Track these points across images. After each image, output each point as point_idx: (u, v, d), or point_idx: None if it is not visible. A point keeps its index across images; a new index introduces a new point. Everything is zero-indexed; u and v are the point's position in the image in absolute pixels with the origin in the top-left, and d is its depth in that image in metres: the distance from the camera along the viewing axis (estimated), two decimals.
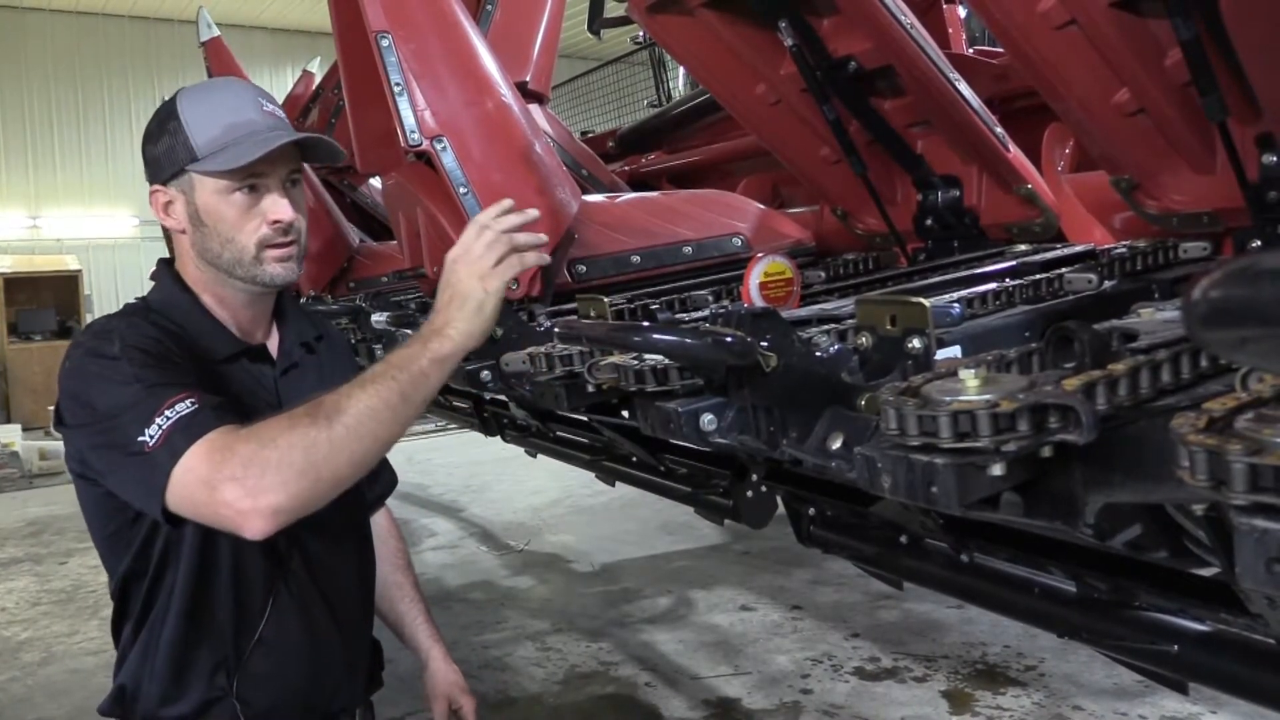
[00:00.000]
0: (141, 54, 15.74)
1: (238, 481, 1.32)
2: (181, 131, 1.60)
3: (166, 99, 1.68)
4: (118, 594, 1.68)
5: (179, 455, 1.36)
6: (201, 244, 1.63)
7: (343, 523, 1.81)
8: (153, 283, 1.74)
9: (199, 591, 1.62)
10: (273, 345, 1.78)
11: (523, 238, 1.48)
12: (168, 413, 1.39)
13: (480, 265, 1.45)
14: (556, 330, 1.59)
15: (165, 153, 1.61)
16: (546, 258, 1.56)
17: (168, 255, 1.78)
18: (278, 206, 1.60)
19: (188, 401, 1.41)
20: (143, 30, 15.72)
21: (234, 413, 1.46)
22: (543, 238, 1.53)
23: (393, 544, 2.14)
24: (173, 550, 1.61)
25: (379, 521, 2.12)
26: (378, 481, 2.09)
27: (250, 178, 1.59)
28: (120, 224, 15.53)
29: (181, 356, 1.55)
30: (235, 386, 1.63)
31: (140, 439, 1.39)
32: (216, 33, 4.94)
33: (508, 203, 1.51)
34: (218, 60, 4.91)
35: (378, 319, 2.44)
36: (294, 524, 1.64)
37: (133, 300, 1.72)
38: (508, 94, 2.25)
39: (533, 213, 1.52)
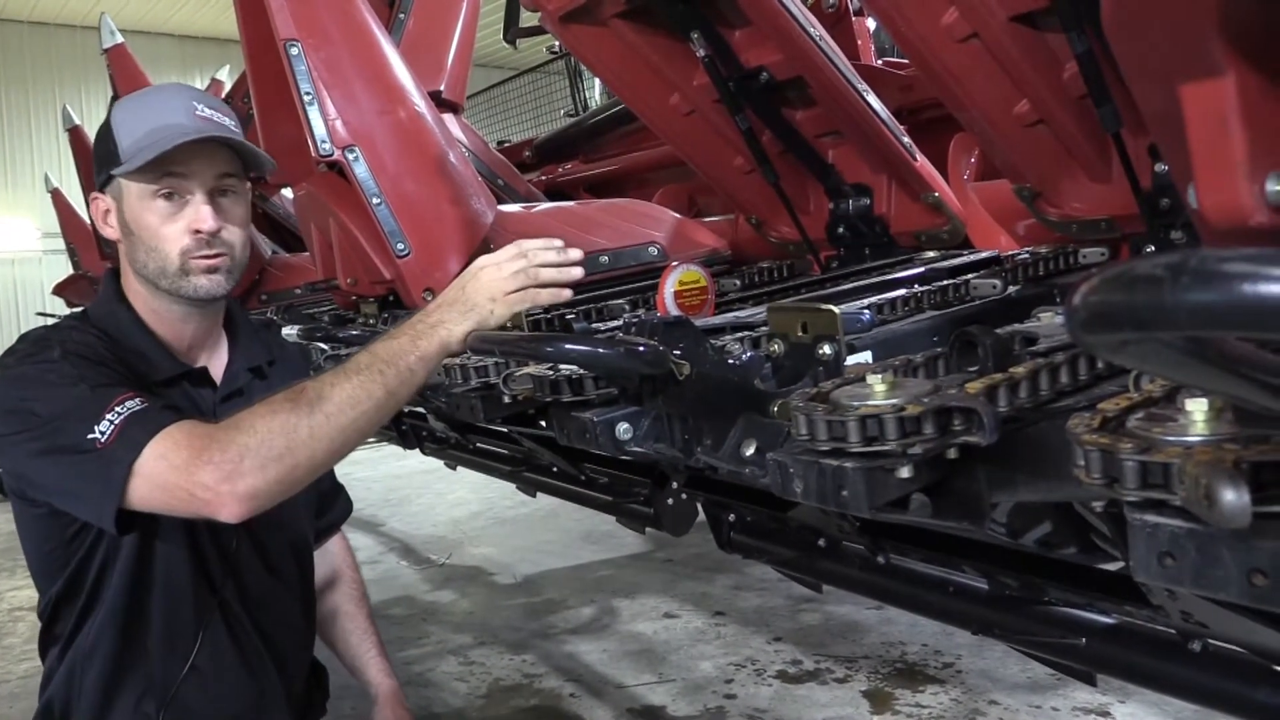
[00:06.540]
0: (42, 60, 15.21)
1: (215, 465, 1.31)
2: (112, 136, 1.56)
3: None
4: (48, 614, 1.63)
5: (139, 448, 1.33)
6: (131, 253, 1.59)
7: (283, 554, 1.76)
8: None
9: (129, 615, 1.58)
10: (218, 368, 1.71)
11: (549, 274, 1.45)
12: (118, 409, 1.36)
13: (501, 284, 1.42)
14: (470, 342, 1.58)
15: (100, 159, 1.58)
16: (566, 294, 1.49)
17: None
18: (199, 215, 1.55)
19: (136, 400, 1.38)
20: (43, 36, 15.19)
21: (182, 414, 1.43)
22: (573, 276, 1.48)
23: (347, 574, 2.08)
24: (108, 571, 1.57)
25: (332, 550, 2.07)
26: (331, 509, 2.04)
27: (168, 182, 1.54)
28: (20, 236, 14.96)
29: (120, 366, 1.50)
30: None
31: (90, 437, 1.35)
32: (120, 40, 4.83)
33: (558, 242, 1.48)
34: (121, 68, 4.80)
35: (289, 332, 2.40)
36: (230, 553, 1.61)
37: (68, 313, 1.67)
38: (421, 103, 2.24)
39: (575, 253, 1.49)
